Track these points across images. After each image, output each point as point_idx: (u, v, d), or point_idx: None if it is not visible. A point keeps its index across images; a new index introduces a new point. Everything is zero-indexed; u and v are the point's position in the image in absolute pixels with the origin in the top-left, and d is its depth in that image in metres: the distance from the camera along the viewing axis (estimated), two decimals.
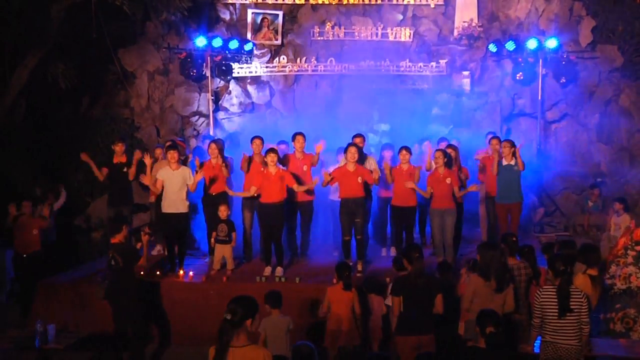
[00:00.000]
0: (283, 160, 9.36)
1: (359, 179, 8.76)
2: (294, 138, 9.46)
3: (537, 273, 7.09)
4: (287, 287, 8.20)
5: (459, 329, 6.90)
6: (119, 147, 9.71)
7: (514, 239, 7.11)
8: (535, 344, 6.12)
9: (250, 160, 9.40)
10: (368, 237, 9.65)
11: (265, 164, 8.83)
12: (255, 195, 8.94)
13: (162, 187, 8.88)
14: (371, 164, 9.45)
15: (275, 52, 13.38)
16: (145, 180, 9.42)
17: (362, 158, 9.19)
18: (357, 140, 9.48)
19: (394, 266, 7.60)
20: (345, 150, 8.86)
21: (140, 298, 7.64)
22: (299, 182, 9.01)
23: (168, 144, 9.71)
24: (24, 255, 9.48)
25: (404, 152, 9.16)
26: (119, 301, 7.31)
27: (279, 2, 13.31)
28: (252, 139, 9.50)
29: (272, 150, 8.84)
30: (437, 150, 9.13)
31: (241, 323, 4.30)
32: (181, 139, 11.96)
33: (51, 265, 9.57)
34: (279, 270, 8.81)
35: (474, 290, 6.47)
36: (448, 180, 8.88)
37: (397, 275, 7.06)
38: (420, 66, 12.81)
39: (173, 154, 8.84)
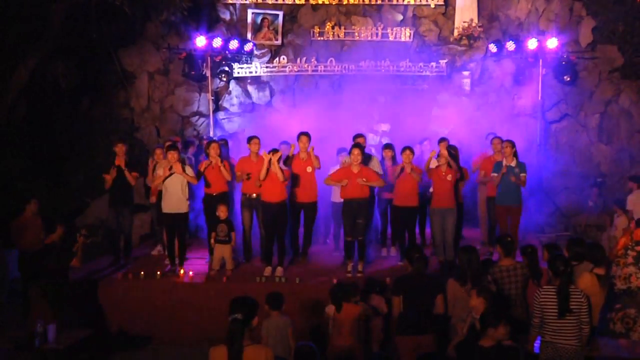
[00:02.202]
0: (286, 161, 9.34)
1: (364, 180, 8.73)
2: (298, 138, 9.44)
3: (539, 273, 7.06)
4: (288, 288, 8.21)
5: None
6: (119, 148, 9.67)
7: (509, 239, 7.09)
8: (535, 344, 6.11)
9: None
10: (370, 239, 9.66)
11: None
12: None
13: (162, 186, 8.91)
14: (374, 165, 9.41)
15: (275, 52, 13.38)
16: (148, 181, 9.48)
17: (365, 159, 9.15)
18: (359, 140, 9.48)
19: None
20: (349, 152, 8.84)
21: (76, 298, 7.66)
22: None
23: (168, 144, 9.71)
24: (30, 254, 9.46)
25: (407, 152, 9.13)
26: (53, 301, 7.32)
27: (279, 2, 13.31)
28: (250, 138, 9.49)
29: (275, 151, 8.80)
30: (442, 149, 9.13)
31: (249, 322, 4.34)
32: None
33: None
34: (280, 271, 8.80)
35: (453, 295, 6.46)
36: (449, 177, 8.88)
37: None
38: (421, 66, 12.81)
39: (173, 154, 8.85)
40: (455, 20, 13.11)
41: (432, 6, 13.18)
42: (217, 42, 12.21)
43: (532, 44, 11.89)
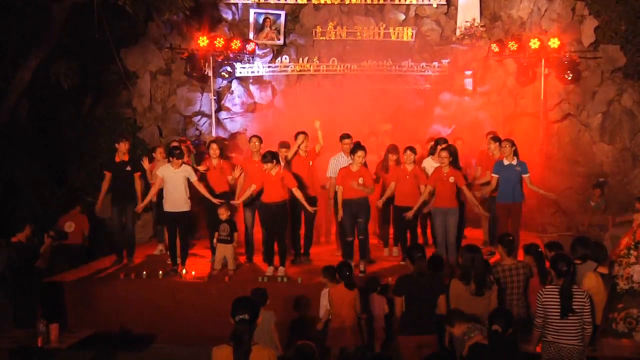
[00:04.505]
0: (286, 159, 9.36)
1: (360, 180, 8.74)
2: (296, 138, 9.45)
3: (544, 273, 7.04)
4: (289, 287, 8.22)
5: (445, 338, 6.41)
6: (123, 146, 9.61)
7: (510, 238, 7.08)
8: (537, 344, 6.11)
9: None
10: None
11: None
12: (255, 194, 8.94)
13: (162, 185, 8.94)
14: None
15: (277, 52, 13.39)
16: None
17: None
18: (347, 141, 9.51)
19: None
20: (353, 152, 8.84)
21: (41, 297, 7.67)
22: (300, 184, 9.01)
23: (174, 144, 9.71)
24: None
25: (408, 152, 9.15)
26: (17, 300, 7.33)
27: (281, 2, 13.32)
28: (250, 138, 9.51)
29: (273, 157, 8.74)
30: (442, 149, 9.08)
31: (254, 322, 4.35)
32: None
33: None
34: (282, 270, 8.80)
35: (455, 296, 6.44)
36: (451, 179, 8.83)
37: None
38: (423, 66, 12.82)
39: (173, 158, 8.88)
40: (457, 19, 13.11)
41: (434, 6, 13.17)
42: (220, 42, 12.24)
43: (534, 43, 11.89)
